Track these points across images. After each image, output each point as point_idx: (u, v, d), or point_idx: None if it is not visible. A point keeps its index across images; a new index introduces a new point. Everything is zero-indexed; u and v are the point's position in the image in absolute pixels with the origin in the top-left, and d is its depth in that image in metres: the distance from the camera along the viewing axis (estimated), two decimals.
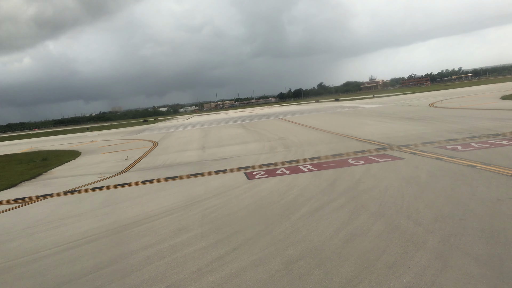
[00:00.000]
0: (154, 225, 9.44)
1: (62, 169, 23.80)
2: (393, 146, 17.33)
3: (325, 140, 22.54)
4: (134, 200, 12.59)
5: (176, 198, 12.14)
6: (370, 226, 7.81)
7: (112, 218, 10.47)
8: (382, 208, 8.83)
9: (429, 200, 9.01)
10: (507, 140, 15.65)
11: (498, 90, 55.20)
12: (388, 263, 6.09)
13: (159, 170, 18.90)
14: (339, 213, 8.82)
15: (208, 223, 9.11)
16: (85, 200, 13.38)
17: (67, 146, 42.77)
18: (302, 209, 9.49)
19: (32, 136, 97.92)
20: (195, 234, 8.41)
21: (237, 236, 8.04)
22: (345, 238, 7.32)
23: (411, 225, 7.60)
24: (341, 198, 10.04)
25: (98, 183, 16.93)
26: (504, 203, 8.20)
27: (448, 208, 8.33)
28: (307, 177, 13.09)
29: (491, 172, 10.92)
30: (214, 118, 79.87)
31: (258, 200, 10.79)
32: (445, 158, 13.39)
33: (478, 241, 6.52)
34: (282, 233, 7.98)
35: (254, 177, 14.39)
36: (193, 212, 10.22)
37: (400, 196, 9.59)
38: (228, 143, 27.56)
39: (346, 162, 15.14)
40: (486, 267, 5.62)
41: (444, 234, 6.99)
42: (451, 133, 19.38)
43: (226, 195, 11.79)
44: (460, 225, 7.32)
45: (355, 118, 36.19)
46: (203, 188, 13.27)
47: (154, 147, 30.99)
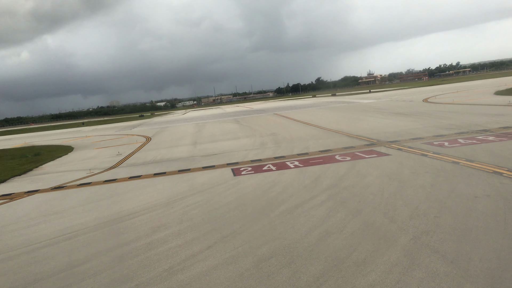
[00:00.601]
0: (134, 222, 9.43)
1: (53, 165, 23.75)
2: (382, 142, 17.34)
3: (316, 136, 22.54)
4: (118, 196, 12.58)
5: (160, 194, 12.14)
6: (346, 223, 7.83)
7: (93, 215, 10.46)
8: (360, 205, 8.85)
9: (407, 197, 9.02)
10: (494, 136, 15.67)
11: (493, 85, 55.23)
12: (357, 261, 6.11)
13: (149, 166, 18.88)
14: (318, 210, 8.83)
15: (187, 221, 9.11)
16: (70, 197, 13.37)
17: (61, 141, 42.69)
18: (282, 206, 9.49)
19: (28, 131, 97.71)
20: (172, 231, 8.41)
21: (214, 233, 8.05)
22: (319, 236, 7.32)
23: (386, 223, 7.61)
24: (322, 195, 10.05)
25: (86, 179, 16.91)
26: (480, 201, 8.21)
27: (425, 205, 8.35)
28: (292, 174, 13.10)
29: (473, 168, 10.94)
30: (210, 113, 79.78)
31: (241, 197, 10.80)
32: (430, 155, 13.40)
33: (448, 239, 6.54)
34: (258, 230, 7.98)
35: (241, 173, 14.39)
36: (175, 209, 10.22)
37: (380, 193, 9.60)
38: (220, 139, 27.54)
39: (333, 158, 15.15)
40: (452, 265, 5.64)
41: (417, 231, 7.00)
42: (441, 128, 19.40)
43: (209, 192, 11.79)
44: (434, 222, 7.34)
45: (348, 114, 36.19)
46: (188, 184, 13.26)
47: (146, 143, 30.95)
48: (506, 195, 8.39)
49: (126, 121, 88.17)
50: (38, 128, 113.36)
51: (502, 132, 16.26)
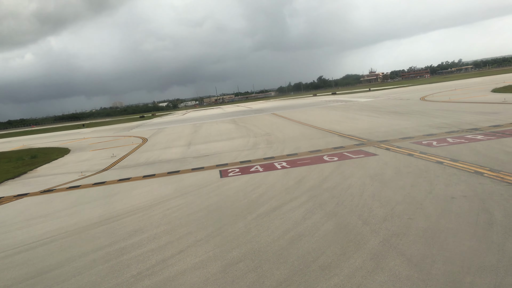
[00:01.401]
0: (112, 226, 9.45)
1: (48, 167, 23.83)
2: (372, 142, 17.31)
3: (308, 136, 22.52)
4: (103, 199, 12.60)
5: (145, 197, 12.16)
6: (320, 226, 7.82)
7: (74, 219, 10.48)
8: (337, 207, 8.83)
9: (385, 198, 9.00)
10: (483, 135, 15.61)
11: (492, 83, 55.02)
12: (323, 265, 6.10)
13: (140, 168, 18.91)
14: (295, 213, 8.82)
15: (165, 224, 9.12)
16: (57, 200, 13.41)
17: (59, 143, 42.81)
18: (261, 208, 9.48)
19: (29, 133, 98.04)
20: (148, 235, 8.42)
21: (188, 237, 8.05)
22: (291, 239, 7.31)
23: (359, 225, 7.60)
24: (302, 197, 10.04)
25: (77, 181, 16.95)
26: (456, 202, 8.19)
27: (401, 207, 8.32)
28: (278, 175, 13.09)
29: (456, 168, 10.90)
30: (209, 113, 79.83)
31: (222, 200, 10.80)
32: (417, 154, 13.37)
33: (417, 241, 6.52)
34: (233, 234, 7.98)
35: (228, 175, 14.40)
36: (156, 212, 10.23)
37: (359, 195, 9.58)
38: (214, 139, 27.56)
39: (321, 158, 15.13)
40: (415, 269, 5.63)
41: (388, 234, 6.98)
42: (432, 127, 19.34)
43: (193, 194, 11.80)
44: (407, 224, 7.32)
45: (344, 113, 36.13)
46: (174, 187, 13.28)
47: (142, 144, 31.00)
48: (483, 195, 8.35)
49: (126, 122, 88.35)
50: (39, 130, 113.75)
51: (492, 131, 16.19)
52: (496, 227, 6.68)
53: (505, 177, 9.50)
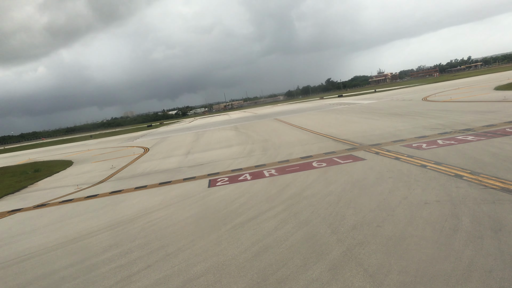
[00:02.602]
0: (90, 241, 9.52)
1: (48, 181, 24.10)
2: (363, 146, 17.23)
3: (303, 141, 22.48)
4: (90, 213, 12.71)
5: (130, 210, 12.24)
6: (289, 236, 7.79)
7: (57, 235, 10.59)
8: (311, 216, 8.81)
9: (360, 205, 8.95)
10: (474, 135, 15.46)
11: (497, 80, 54.40)
12: (280, 278, 6.08)
13: (135, 179, 19.03)
14: (268, 223, 8.81)
15: (141, 238, 9.16)
16: (46, 215, 13.55)
17: (64, 156, 43.28)
18: (238, 219, 9.49)
19: (37, 146, 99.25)
20: (121, 251, 8.47)
21: (159, 251, 8.08)
22: (258, 251, 7.30)
23: (328, 234, 7.57)
24: (280, 206, 10.02)
25: (71, 195, 17.13)
26: (428, 207, 8.11)
27: (373, 214, 8.27)
28: (263, 183, 13.09)
29: (438, 172, 10.81)
30: (214, 120, 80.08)
31: (203, 211, 10.83)
32: (403, 158, 13.28)
33: (379, 251, 6.47)
34: (203, 246, 8.00)
35: (216, 184, 14.43)
36: (135, 226, 10.29)
37: (336, 202, 9.54)
38: (213, 147, 27.65)
39: (309, 165, 15.10)
40: (369, 279, 5.58)
41: (353, 243, 6.94)
42: (426, 129, 19.20)
43: (176, 206, 11.85)
44: (374, 232, 7.27)
45: (344, 116, 35.99)
46: (160, 198, 13.34)
47: (143, 154, 31.20)
48: (456, 200, 8.27)
49: (133, 132, 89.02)
50: (48, 143, 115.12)
51: (483, 131, 16.02)
52: (460, 234, 6.60)
53: (483, 180, 9.38)
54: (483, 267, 5.46)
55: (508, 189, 8.48)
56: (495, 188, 8.66)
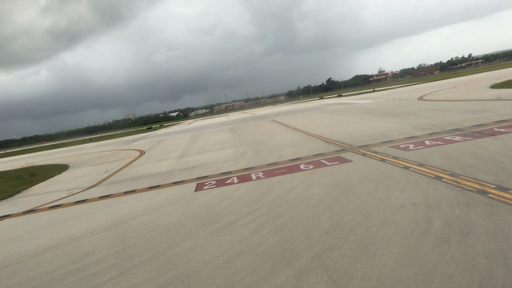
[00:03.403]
0: (69, 249, 9.56)
1: (42, 185, 24.17)
2: (352, 147, 17.22)
3: (295, 143, 22.49)
4: (75, 219, 12.74)
5: (114, 216, 12.26)
6: (263, 241, 7.80)
7: (38, 242, 10.63)
8: (288, 220, 8.81)
9: (338, 209, 8.96)
10: (461, 135, 15.44)
11: (494, 78, 54.28)
12: (247, 285, 6.09)
13: (126, 183, 19.06)
14: (246, 228, 8.82)
15: (119, 244, 9.18)
16: (32, 221, 13.60)
17: (61, 160, 43.38)
18: (217, 224, 9.50)
19: (38, 149, 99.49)
20: (97, 258, 8.49)
21: (134, 258, 8.10)
22: (229, 257, 7.31)
23: (301, 239, 7.57)
24: (260, 210, 10.04)
25: (62, 200, 17.20)
26: (403, 210, 8.11)
27: (348, 218, 8.27)
28: (249, 187, 13.10)
29: (419, 174, 10.80)
30: (214, 122, 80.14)
31: (184, 216, 10.85)
32: (389, 160, 13.27)
33: (348, 255, 6.47)
34: (177, 253, 8.00)
35: (203, 188, 14.45)
36: (116, 232, 10.31)
37: (315, 206, 9.54)
38: (207, 150, 27.68)
39: (297, 167, 15.11)
40: (332, 286, 5.62)
41: (323, 248, 6.95)
42: (417, 129, 19.18)
43: (160, 211, 11.86)
44: (345, 237, 7.27)
45: (339, 116, 35.97)
46: (146, 203, 13.36)
47: (138, 157, 31.25)
48: (431, 203, 8.27)
49: (133, 135, 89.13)
50: (48, 146, 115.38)
51: (471, 131, 15.99)
52: (429, 238, 6.60)
53: (462, 181, 9.37)
54: (445, 272, 5.45)
55: (484, 191, 8.47)
56: (472, 190, 8.64)
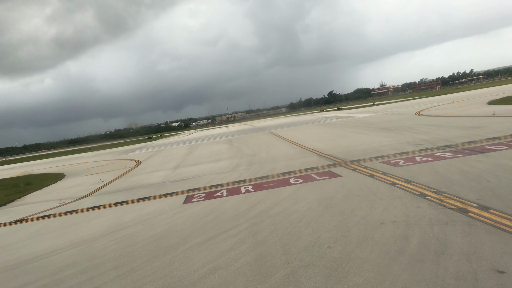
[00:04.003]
0: (49, 260, 9.54)
1: (36, 195, 24.15)
2: (344, 162, 17.22)
3: (289, 156, 22.48)
4: (61, 230, 12.72)
5: (100, 227, 12.23)
6: (240, 257, 7.77)
7: (21, 253, 10.61)
8: (269, 236, 8.78)
9: (319, 225, 8.93)
10: (452, 152, 15.42)
11: (493, 94, 54.39)
12: None
13: (118, 194, 19.05)
14: (226, 242, 8.79)
15: (99, 257, 9.15)
16: (20, 231, 13.57)
17: (58, 168, 43.40)
18: (199, 238, 9.47)
19: (37, 158, 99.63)
20: (75, 271, 8.47)
21: (112, 272, 8.07)
22: (206, 273, 7.27)
23: (278, 255, 7.53)
24: (243, 225, 10.01)
25: (53, 210, 17.18)
26: (383, 228, 8.07)
27: (328, 234, 8.24)
28: (236, 200, 13.08)
29: (404, 190, 10.77)
30: (212, 133, 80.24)
31: (168, 229, 10.81)
32: (377, 175, 13.25)
33: (320, 273, 6.44)
34: (155, 267, 7.97)
35: (191, 200, 14.44)
36: (98, 244, 10.28)
37: (298, 221, 9.52)
38: (202, 161, 27.69)
39: (287, 181, 15.09)
40: None
41: (299, 265, 6.91)
42: (410, 145, 19.17)
43: (145, 223, 11.83)
44: (322, 254, 7.23)
45: (336, 130, 36.01)
46: (133, 215, 13.33)
47: (134, 168, 31.25)
48: (412, 221, 8.23)
49: (132, 144, 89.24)
50: (47, 154, 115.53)
51: (462, 148, 15.99)
52: (404, 257, 6.56)
53: (445, 199, 9.34)
54: None
55: (465, 209, 8.44)
56: (453, 209, 8.62)
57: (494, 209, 8.18)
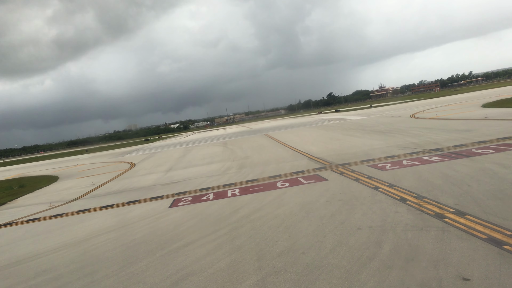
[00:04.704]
0: (29, 265, 9.53)
1: (28, 197, 24.14)
2: (333, 165, 17.22)
3: (281, 159, 22.49)
4: (45, 234, 12.71)
5: (83, 231, 12.22)
6: (215, 263, 7.76)
7: (2, 257, 10.56)
8: (247, 241, 8.79)
9: (298, 230, 8.92)
10: (439, 156, 15.43)
11: (488, 96, 54.43)
12: None
13: (108, 197, 19.04)
14: (204, 247, 8.79)
15: (78, 262, 9.15)
16: (4, 236, 13.57)
17: (53, 171, 43.38)
18: (178, 243, 9.47)
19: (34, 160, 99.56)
20: (51, 276, 8.47)
21: (87, 278, 8.08)
22: (178, 279, 7.27)
23: (252, 261, 7.52)
24: (224, 229, 10.00)
25: (42, 213, 17.17)
26: (358, 233, 8.07)
27: (305, 240, 8.24)
28: (221, 204, 13.08)
29: (386, 195, 10.78)
30: (209, 135, 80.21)
31: (149, 233, 10.80)
32: (362, 179, 13.26)
33: (290, 280, 6.44)
34: (130, 273, 7.96)
35: (177, 204, 14.43)
36: (78, 249, 10.28)
37: (277, 226, 9.52)
38: (195, 164, 27.69)
39: (274, 185, 15.09)
40: None
41: (271, 271, 6.92)
42: (399, 148, 19.18)
43: (128, 228, 11.82)
44: (295, 260, 7.23)
45: (330, 133, 36.01)
46: (119, 219, 13.33)
47: (127, 170, 31.24)
48: (388, 226, 8.23)
49: (129, 146, 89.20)
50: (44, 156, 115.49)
51: (450, 152, 16.00)
52: (374, 263, 6.56)
53: (424, 204, 9.35)
54: None
55: (442, 215, 8.44)
56: (430, 214, 8.62)
57: (470, 215, 8.18)
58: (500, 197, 9.03)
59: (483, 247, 6.53)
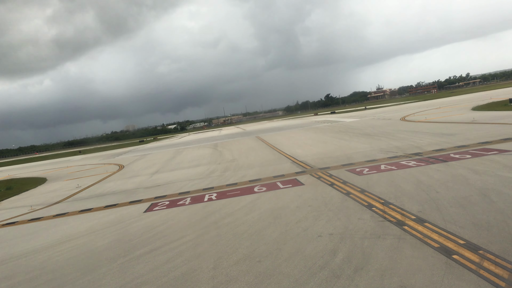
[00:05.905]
0: None
1: (13, 200, 24.06)
2: (313, 169, 17.21)
3: (265, 162, 22.47)
4: (16, 239, 12.65)
5: (53, 237, 12.18)
6: (171, 271, 7.74)
7: None
8: (209, 248, 8.78)
9: (260, 237, 8.91)
10: (417, 161, 15.43)
11: (480, 99, 54.51)
12: None
13: (89, 200, 18.99)
14: (165, 255, 8.77)
15: (39, 270, 9.11)
16: None
17: (42, 173, 43.25)
18: (142, 249, 9.44)
19: (27, 161, 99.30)
20: (9, 284, 8.42)
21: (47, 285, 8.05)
22: (137, 285, 7.20)
23: (208, 270, 7.50)
24: (190, 236, 9.99)
25: (21, 216, 17.11)
26: (317, 241, 8.05)
27: (265, 247, 8.22)
28: (195, 209, 13.04)
29: (355, 201, 10.76)
30: (203, 137, 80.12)
31: (118, 239, 10.75)
32: (337, 185, 13.25)
33: None
34: (86, 281, 7.94)
35: (153, 208, 14.40)
36: (43, 255, 10.26)
37: (242, 233, 9.49)
38: (182, 167, 27.65)
39: (251, 189, 15.08)
40: None
41: (222, 281, 6.88)
42: (382, 152, 19.18)
43: (99, 233, 11.78)
44: (249, 268, 7.21)
45: (319, 135, 36.00)
46: (91, 224, 13.28)
47: (114, 173, 31.17)
48: (347, 234, 8.21)
49: (122, 148, 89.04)
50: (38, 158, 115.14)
51: (428, 156, 16.00)
52: (324, 272, 6.53)
53: (388, 211, 9.33)
54: None
55: (402, 222, 8.42)
56: (391, 221, 8.60)
57: (429, 222, 8.16)
58: (463, 204, 9.01)
59: (432, 257, 6.50)
